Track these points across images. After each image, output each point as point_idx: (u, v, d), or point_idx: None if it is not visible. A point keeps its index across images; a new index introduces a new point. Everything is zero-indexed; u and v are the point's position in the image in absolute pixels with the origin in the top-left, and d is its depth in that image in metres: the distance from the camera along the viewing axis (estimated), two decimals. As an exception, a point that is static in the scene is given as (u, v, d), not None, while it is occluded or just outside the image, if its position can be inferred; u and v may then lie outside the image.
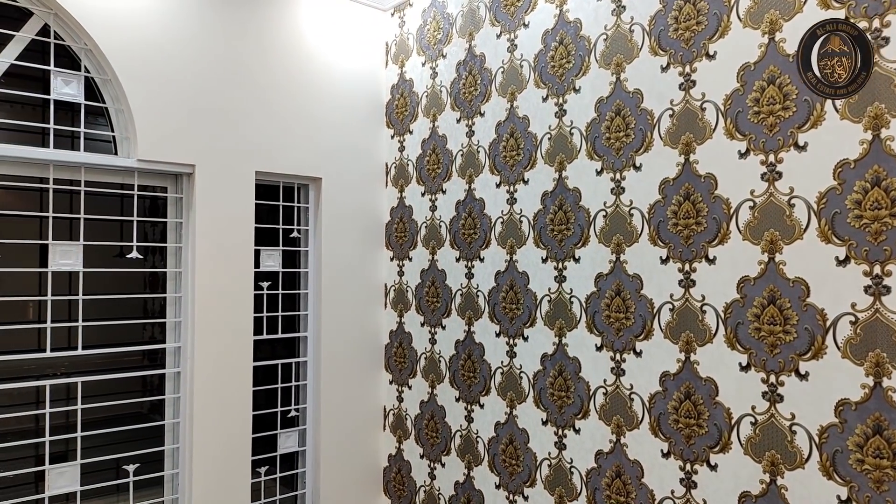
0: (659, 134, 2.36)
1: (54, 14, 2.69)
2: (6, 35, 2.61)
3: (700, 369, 2.22)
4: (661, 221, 2.35)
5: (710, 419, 2.19)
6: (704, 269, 2.22)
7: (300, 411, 3.50)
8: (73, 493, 2.76)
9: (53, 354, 2.72)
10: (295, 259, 3.53)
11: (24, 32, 2.65)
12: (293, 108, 3.34)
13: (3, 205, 2.72)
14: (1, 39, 2.60)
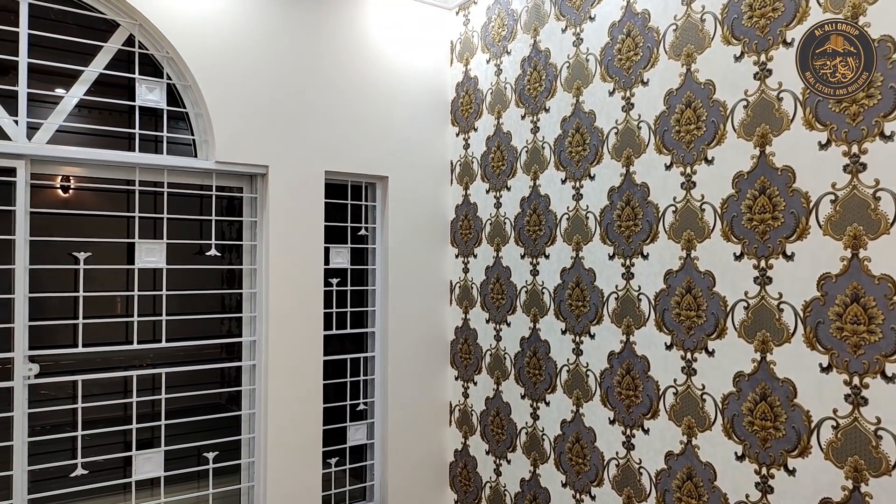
0: (732, 126, 2.28)
1: (139, 25, 2.84)
2: (95, 46, 2.78)
3: (777, 370, 2.14)
4: (734, 217, 2.27)
5: (787, 422, 2.11)
6: (782, 266, 2.13)
7: (368, 405, 3.58)
8: (157, 479, 2.93)
9: (140, 347, 2.89)
10: (363, 256, 3.60)
11: (111, 43, 2.82)
12: (361, 108, 3.41)
13: (94, 206, 2.90)
14: (91, 50, 2.77)
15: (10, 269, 2.59)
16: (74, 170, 2.79)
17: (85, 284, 2.75)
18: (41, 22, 2.66)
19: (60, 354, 2.74)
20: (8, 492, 2.58)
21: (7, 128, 2.59)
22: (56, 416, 2.74)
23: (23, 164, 2.60)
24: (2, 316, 2.58)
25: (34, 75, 2.65)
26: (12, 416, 2.58)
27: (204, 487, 3.05)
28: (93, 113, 2.86)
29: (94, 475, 2.78)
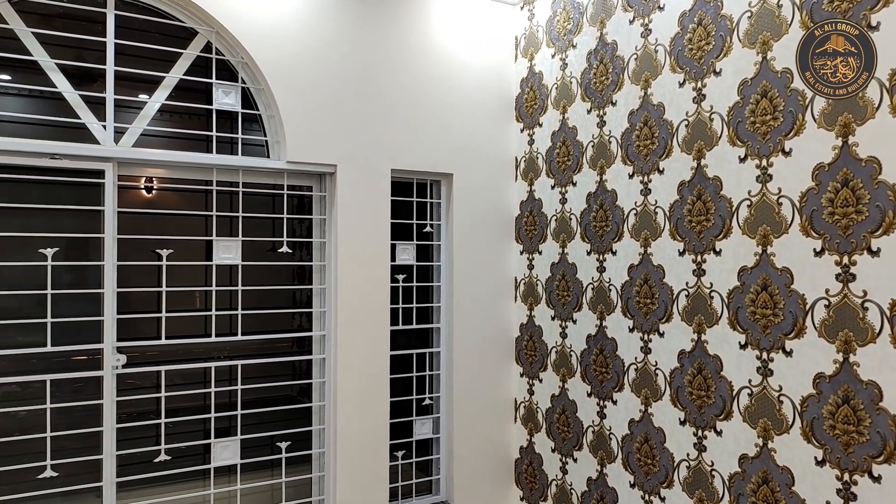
0: (812, 116, 2.18)
1: (216, 32, 2.97)
2: (176, 53, 2.93)
3: (861, 372, 2.03)
4: (814, 210, 2.17)
5: (872, 426, 2.00)
6: (866, 262, 2.02)
7: (434, 400, 3.62)
8: (234, 466, 3.06)
9: (217, 339, 3.03)
10: (428, 253, 3.64)
11: (190, 50, 2.96)
12: (426, 106, 3.44)
13: (175, 205, 3.06)
14: (171, 57, 2.92)
15: (101, 266, 2.76)
16: (157, 171, 2.94)
17: (167, 280, 2.90)
18: (126, 31, 2.82)
19: (145, 346, 2.90)
20: (98, 474, 2.76)
21: (96, 132, 2.77)
22: (141, 405, 2.90)
23: (111, 167, 2.77)
24: (93, 309, 2.76)
25: (120, 82, 2.81)
26: (102, 404, 2.75)
27: (277, 476, 3.17)
28: (173, 117, 3.00)
29: (176, 461, 2.93)
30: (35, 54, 2.66)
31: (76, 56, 2.76)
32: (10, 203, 2.64)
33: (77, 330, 2.74)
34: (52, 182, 2.73)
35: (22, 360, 2.68)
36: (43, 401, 2.65)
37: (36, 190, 2.72)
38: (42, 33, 2.67)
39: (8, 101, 2.69)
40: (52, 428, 2.66)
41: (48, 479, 2.65)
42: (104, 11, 2.77)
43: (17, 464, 2.62)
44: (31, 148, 2.62)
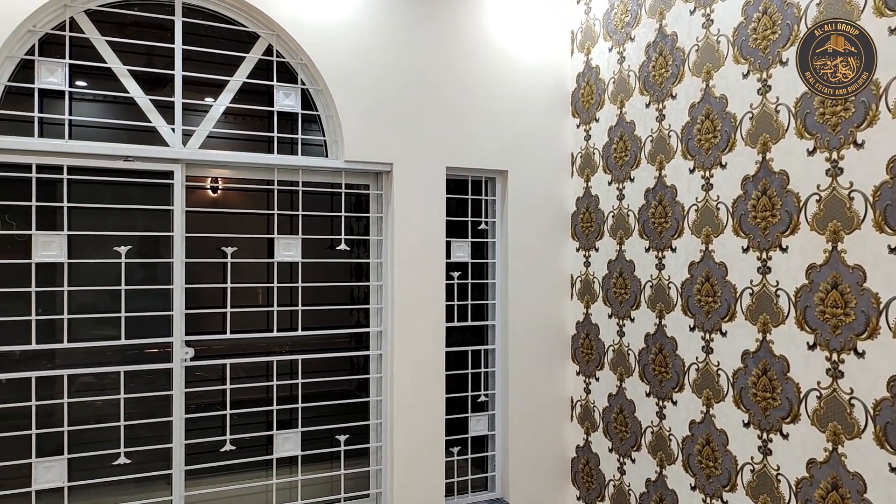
0: (887, 106, 2.07)
1: (276, 35, 3.06)
2: (239, 57, 3.02)
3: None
4: (888, 205, 2.06)
5: (954, 433, 1.89)
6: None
7: (489, 397, 3.62)
8: (295, 457, 3.15)
9: (279, 334, 3.12)
10: (483, 250, 3.65)
11: (252, 53, 3.05)
12: (480, 103, 3.45)
13: (239, 204, 3.16)
14: (235, 61, 3.02)
15: (170, 263, 2.89)
16: (222, 171, 3.05)
17: (231, 276, 3.01)
18: (192, 37, 2.93)
19: (212, 340, 3.02)
20: (168, 462, 2.89)
21: (166, 135, 2.89)
22: (208, 396, 3.02)
23: (179, 168, 2.89)
24: (163, 305, 2.89)
25: (187, 86, 2.93)
26: (172, 395, 2.88)
27: (336, 468, 3.24)
28: (237, 119, 3.11)
29: (241, 451, 3.04)
30: (109, 61, 2.80)
31: (147, 62, 2.89)
32: (86, 203, 2.79)
33: (149, 324, 2.87)
34: (125, 183, 2.87)
35: (98, 353, 2.84)
36: (117, 391, 2.80)
37: (110, 190, 2.87)
38: (115, 41, 2.80)
39: (84, 107, 2.84)
40: (125, 417, 2.80)
41: (122, 465, 2.79)
42: (172, 19, 2.89)
43: (93, 451, 2.77)
44: (106, 151, 2.76)
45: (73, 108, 2.77)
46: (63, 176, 2.71)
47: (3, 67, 2.61)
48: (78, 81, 2.80)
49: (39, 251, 2.68)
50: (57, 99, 2.74)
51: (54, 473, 2.70)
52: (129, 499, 2.86)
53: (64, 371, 2.73)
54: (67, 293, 2.73)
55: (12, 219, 2.66)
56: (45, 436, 2.70)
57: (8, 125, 2.66)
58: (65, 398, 2.71)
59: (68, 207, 2.73)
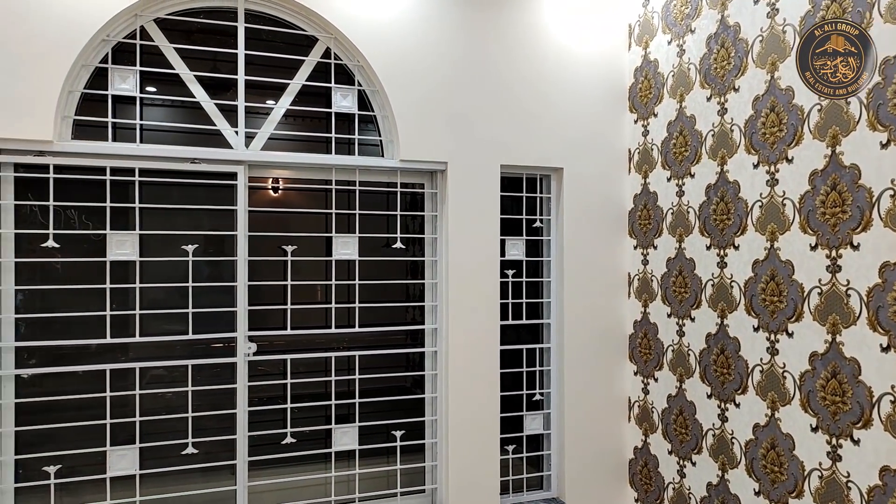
0: (970, 94, 1.95)
1: (334, 38, 3.12)
2: (298, 60, 3.10)
3: None
4: (972, 200, 1.95)
5: None
6: None
7: (545, 396, 3.60)
8: (352, 451, 3.21)
9: (337, 331, 3.19)
10: (538, 248, 3.63)
11: (311, 57, 3.13)
12: (535, 100, 3.43)
13: (298, 204, 3.24)
14: (294, 64, 3.10)
15: (234, 261, 2.99)
16: (282, 172, 3.14)
17: (292, 274, 3.09)
18: (254, 43, 3.03)
19: (273, 335, 3.11)
20: (232, 453, 2.99)
21: (229, 138, 2.99)
22: (270, 390, 3.12)
23: (242, 169, 2.99)
24: (227, 301, 2.99)
25: (249, 90, 3.02)
26: (236, 388, 2.98)
27: (392, 463, 3.29)
28: (296, 120, 3.19)
29: (301, 444, 3.13)
30: (176, 67, 2.92)
31: (212, 68, 3.00)
32: (156, 204, 2.92)
33: (214, 320, 2.98)
34: (192, 184, 2.99)
35: (167, 347, 2.97)
36: (186, 384, 2.92)
37: (178, 191, 2.99)
38: (182, 48, 2.92)
39: (153, 112, 2.97)
40: (193, 409, 2.92)
41: (190, 455, 2.92)
42: (235, 25, 2.99)
43: (163, 440, 2.90)
44: (174, 153, 2.88)
45: (143, 112, 2.91)
46: (135, 178, 2.85)
47: (79, 76, 2.76)
48: (148, 87, 2.93)
49: (114, 250, 2.83)
50: (129, 104, 2.88)
51: (127, 461, 2.84)
52: (195, 487, 2.98)
53: (136, 364, 2.87)
54: (139, 290, 2.86)
55: (88, 219, 2.81)
56: (119, 425, 2.84)
57: (84, 130, 2.81)
58: (137, 390, 2.85)
59: (140, 208, 2.86)
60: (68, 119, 2.75)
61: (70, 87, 2.72)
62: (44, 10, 2.61)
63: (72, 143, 2.75)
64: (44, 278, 2.78)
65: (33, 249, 2.74)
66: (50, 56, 2.62)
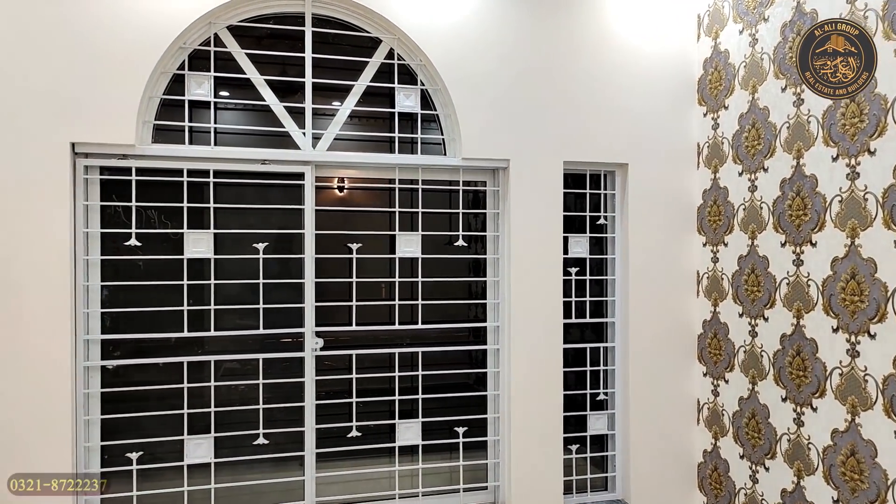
0: None
1: (397, 39, 3.17)
2: (362, 62, 3.16)
3: None
4: None
5: None
6: None
7: (609, 395, 3.55)
8: (415, 447, 3.26)
9: (400, 327, 3.24)
10: (602, 245, 3.57)
11: (375, 58, 3.18)
12: (600, 95, 3.37)
13: (363, 203, 3.31)
14: (359, 66, 3.16)
15: (301, 258, 3.08)
16: (348, 172, 3.21)
17: (356, 271, 3.16)
18: (320, 46, 3.11)
19: (339, 331, 3.19)
20: (301, 445, 3.09)
21: (297, 139, 3.09)
22: (336, 385, 3.19)
23: (309, 169, 3.08)
24: (296, 297, 3.09)
25: (315, 92, 3.11)
26: (303, 382, 3.07)
27: (455, 459, 3.32)
28: (361, 121, 3.25)
29: (366, 438, 3.19)
30: (248, 72, 3.03)
31: (280, 71, 3.10)
32: (229, 204, 3.04)
33: (284, 315, 3.09)
34: (262, 184, 3.10)
35: (240, 341, 3.09)
36: (257, 377, 3.03)
37: (249, 191, 3.11)
38: (253, 53, 3.03)
39: (226, 115, 3.09)
40: (263, 401, 3.03)
41: (261, 445, 3.03)
42: (303, 29, 3.07)
43: (236, 430, 3.02)
44: (246, 155, 2.99)
45: (216, 116, 3.03)
46: (209, 179, 2.98)
47: (158, 82, 2.90)
48: (221, 92, 3.06)
49: (190, 248, 2.97)
50: (203, 108, 3.01)
51: (203, 450, 2.98)
52: (266, 477, 3.09)
53: (211, 357, 3.00)
54: (214, 286, 2.99)
55: (167, 218, 2.96)
56: (196, 415, 2.98)
57: (163, 134, 2.96)
58: (212, 381, 2.98)
59: (214, 208, 2.99)
60: (149, 124, 2.90)
61: (150, 93, 2.87)
62: (125, 20, 2.76)
63: (152, 146, 2.89)
64: (126, 275, 2.94)
65: (117, 248, 2.91)
66: (131, 64, 2.77)
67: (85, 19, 2.72)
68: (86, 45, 2.72)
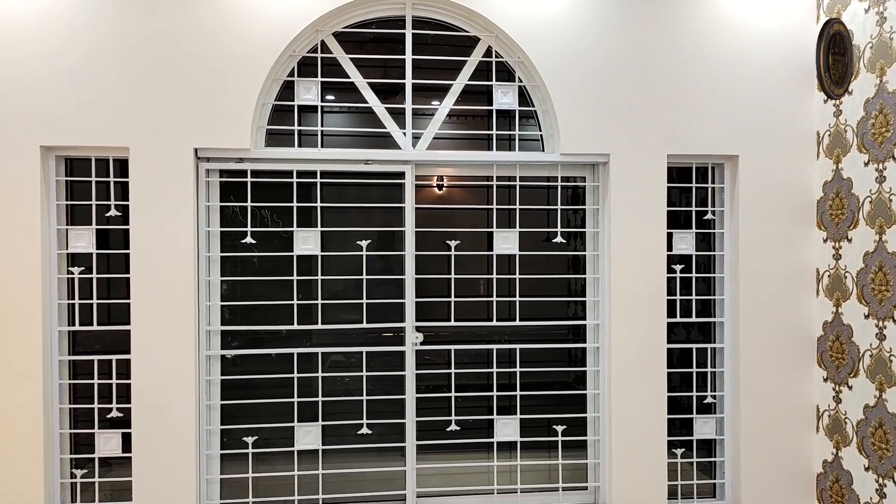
0: None
1: (495, 36, 3.18)
2: (460, 61, 3.21)
3: None
4: None
5: None
6: None
7: (717, 399, 3.39)
8: (513, 443, 3.26)
9: (498, 324, 3.26)
10: (709, 242, 3.42)
11: (473, 56, 3.21)
12: (706, 84, 3.22)
13: (461, 200, 3.35)
14: (457, 65, 3.21)
15: (402, 255, 3.17)
16: (446, 170, 3.27)
17: (455, 268, 3.21)
18: (420, 47, 3.18)
19: (438, 327, 3.25)
20: (402, 436, 3.18)
21: (398, 139, 3.18)
22: (435, 379, 3.26)
23: (409, 169, 3.16)
24: (397, 293, 3.18)
25: (415, 92, 3.18)
26: (404, 375, 3.16)
27: (554, 458, 3.29)
28: (459, 119, 3.30)
29: (465, 432, 3.24)
30: (352, 76, 3.15)
31: (382, 74, 3.20)
32: (335, 203, 3.18)
33: (385, 310, 3.19)
34: (365, 184, 3.22)
35: (345, 335, 3.22)
36: (361, 369, 3.15)
37: (352, 191, 3.24)
38: (356, 58, 3.15)
39: (331, 118, 3.23)
40: (367, 392, 3.15)
41: (364, 435, 3.15)
42: (403, 32, 3.16)
43: (342, 420, 3.16)
44: (350, 156, 3.12)
45: (322, 119, 3.18)
46: (317, 180, 3.13)
47: (271, 89, 3.08)
48: (327, 95, 3.20)
49: (299, 245, 3.13)
50: (310, 112, 3.16)
51: (312, 437, 3.14)
52: (370, 466, 3.21)
53: (318, 349, 3.15)
54: (321, 282, 3.14)
55: (279, 217, 3.14)
56: (304, 404, 3.14)
57: (273, 137, 3.13)
58: (319, 372, 3.13)
59: (321, 207, 3.14)
60: (262, 129, 3.09)
61: (263, 100, 3.05)
62: (240, 34, 2.96)
63: (265, 150, 3.08)
64: (243, 270, 3.15)
65: (234, 245, 3.12)
66: (247, 74, 2.96)
67: (205, 34, 2.93)
68: (207, 57, 2.94)
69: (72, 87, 2.87)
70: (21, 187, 2.85)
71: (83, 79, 2.87)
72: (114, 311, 3.02)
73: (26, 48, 2.84)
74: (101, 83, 2.88)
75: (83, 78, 2.87)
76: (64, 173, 3.00)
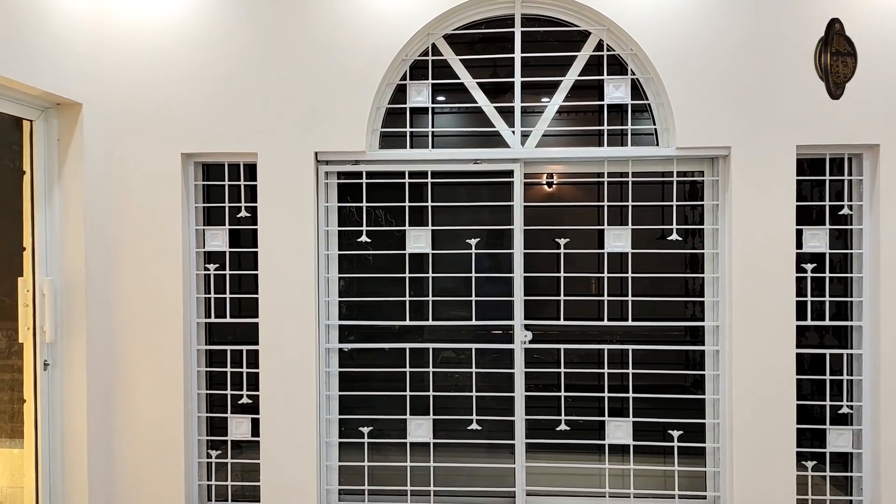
0: None
1: (607, 29, 3.11)
2: (571, 56, 3.17)
3: None
4: None
5: None
6: None
7: (854, 409, 3.12)
8: (626, 446, 3.18)
9: (609, 324, 3.19)
10: (846, 239, 3.15)
11: (584, 51, 3.17)
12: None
13: (571, 198, 3.31)
14: (567, 61, 3.17)
15: (511, 253, 3.18)
16: (555, 167, 3.24)
17: (564, 266, 3.18)
18: (529, 44, 3.18)
19: (547, 325, 3.23)
20: (511, 433, 3.19)
21: (507, 137, 3.19)
22: (545, 378, 3.24)
23: (518, 167, 3.16)
24: (505, 291, 3.20)
25: (524, 90, 3.18)
26: (513, 373, 3.17)
27: (669, 463, 3.17)
28: (569, 116, 3.26)
29: (575, 432, 3.20)
30: (461, 77, 3.21)
31: (491, 73, 3.23)
32: (445, 202, 3.25)
33: (494, 308, 3.22)
34: (475, 183, 3.27)
35: (455, 331, 3.28)
36: (470, 365, 3.20)
37: (462, 190, 3.29)
38: (466, 59, 3.20)
39: (441, 119, 3.30)
40: (476, 389, 3.19)
41: (474, 431, 3.19)
42: (512, 30, 3.17)
43: (452, 415, 3.22)
44: (460, 156, 3.18)
45: (433, 120, 3.26)
46: (428, 180, 3.21)
47: (384, 93, 3.20)
48: (437, 97, 3.27)
49: (411, 243, 3.23)
50: (420, 114, 3.25)
51: (423, 430, 3.23)
52: (479, 461, 3.25)
53: (430, 345, 3.24)
54: (432, 279, 3.22)
55: (392, 216, 3.26)
56: (416, 398, 3.23)
57: (386, 139, 3.25)
58: (430, 367, 3.22)
59: (432, 206, 3.22)
60: (376, 132, 3.21)
61: (378, 103, 3.17)
62: (355, 42, 3.09)
63: (379, 152, 3.20)
64: (359, 268, 3.29)
65: (351, 244, 3.27)
66: (362, 79, 3.09)
67: (322, 45, 3.09)
68: (325, 67, 3.10)
69: (208, 101, 3.13)
70: (166, 191, 3.15)
71: (217, 93, 3.12)
72: (244, 305, 3.27)
73: (171, 70, 3.13)
74: (232, 96, 3.12)
75: (217, 92, 3.12)
76: (202, 178, 3.28)
